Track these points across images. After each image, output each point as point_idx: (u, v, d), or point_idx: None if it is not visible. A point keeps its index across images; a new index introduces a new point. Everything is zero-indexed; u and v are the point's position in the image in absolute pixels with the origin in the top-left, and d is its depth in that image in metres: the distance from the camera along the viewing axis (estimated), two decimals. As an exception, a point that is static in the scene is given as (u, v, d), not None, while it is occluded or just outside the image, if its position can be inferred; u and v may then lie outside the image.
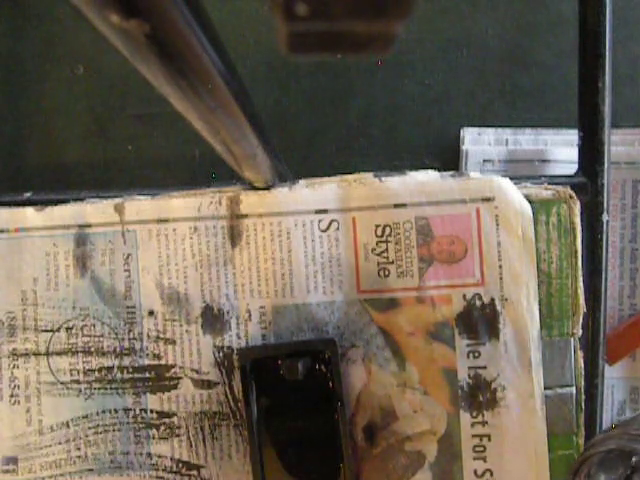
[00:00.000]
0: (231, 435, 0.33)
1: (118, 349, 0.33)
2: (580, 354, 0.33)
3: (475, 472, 0.32)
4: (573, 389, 0.33)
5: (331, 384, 0.31)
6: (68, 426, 0.33)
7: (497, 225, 0.32)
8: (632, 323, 0.41)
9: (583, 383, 0.33)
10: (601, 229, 0.34)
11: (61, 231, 0.33)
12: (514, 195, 0.32)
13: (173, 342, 0.33)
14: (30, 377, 0.33)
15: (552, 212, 0.32)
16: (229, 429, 0.33)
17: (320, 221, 0.32)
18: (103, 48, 0.44)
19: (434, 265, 0.32)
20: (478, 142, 0.44)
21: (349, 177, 0.33)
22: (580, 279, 0.33)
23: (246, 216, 0.33)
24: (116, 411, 0.33)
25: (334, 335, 0.32)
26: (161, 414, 0.33)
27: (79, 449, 0.33)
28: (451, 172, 0.33)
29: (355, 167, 0.35)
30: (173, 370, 0.33)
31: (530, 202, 0.32)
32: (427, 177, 0.33)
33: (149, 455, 0.33)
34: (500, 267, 0.32)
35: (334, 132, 0.45)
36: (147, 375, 0.33)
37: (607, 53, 0.33)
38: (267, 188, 0.33)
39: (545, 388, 0.32)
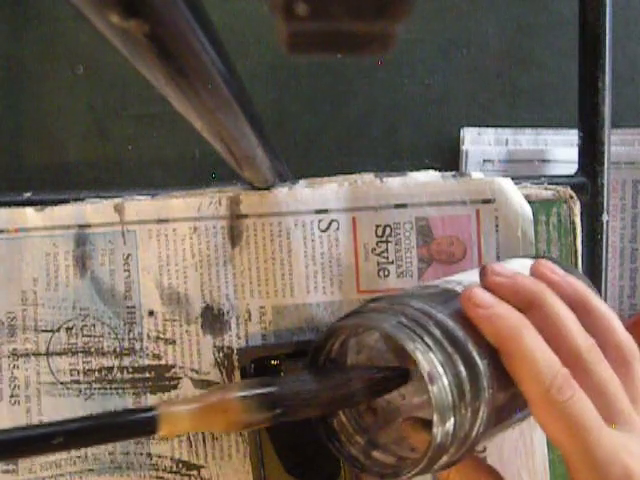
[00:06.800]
0: (231, 435, 0.33)
1: (118, 349, 0.33)
2: (580, 354, 0.33)
3: (475, 472, 0.32)
4: (573, 389, 0.33)
5: (331, 384, 0.31)
6: (68, 426, 0.33)
7: (496, 227, 0.32)
8: (632, 323, 0.41)
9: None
10: (601, 229, 0.34)
11: (61, 231, 0.33)
12: (514, 197, 0.32)
13: (173, 342, 0.33)
14: (30, 377, 0.33)
15: (552, 212, 0.32)
16: (229, 429, 0.33)
17: (320, 221, 0.32)
18: (103, 48, 0.44)
19: (433, 265, 0.32)
20: (478, 142, 0.44)
21: (349, 177, 0.33)
22: (580, 279, 0.32)
23: (246, 216, 0.33)
24: (116, 411, 0.33)
25: (334, 335, 0.32)
26: (161, 414, 0.33)
27: (79, 449, 0.33)
28: (452, 172, 0.33)
29: (355, 167, 0.35)
30: (173, 370, 0.33)
31: (530, 202, 0.32)
32: (428, 177, 0.33)
33: (149, 455, 0.33)
34: (500, 267, 0.32)
35: (334, 132, 0.45)
36: (147, 375, 0.33)
37: (607, 53, 0.33)
38: (267, 188, 0.33)
39: (545, 388, 0.32)
